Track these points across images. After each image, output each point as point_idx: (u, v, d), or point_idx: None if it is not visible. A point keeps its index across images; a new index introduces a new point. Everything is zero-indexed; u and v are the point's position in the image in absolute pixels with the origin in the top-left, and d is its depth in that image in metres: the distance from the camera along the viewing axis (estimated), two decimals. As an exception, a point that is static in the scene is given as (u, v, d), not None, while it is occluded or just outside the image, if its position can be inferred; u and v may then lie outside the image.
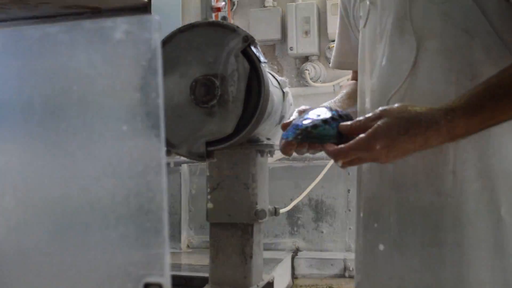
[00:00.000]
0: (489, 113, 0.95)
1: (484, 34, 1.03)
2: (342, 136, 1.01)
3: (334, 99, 1.36)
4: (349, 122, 1.02)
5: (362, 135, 0.95)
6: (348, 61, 1.39)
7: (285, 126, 1.06)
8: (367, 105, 1.19)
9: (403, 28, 1.10)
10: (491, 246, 1.03)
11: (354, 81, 1.42)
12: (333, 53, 1.49)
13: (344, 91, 1.40)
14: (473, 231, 1.04)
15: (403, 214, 1.11)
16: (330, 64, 1.53)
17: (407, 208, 1.11)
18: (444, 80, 1.06)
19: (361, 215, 1.22)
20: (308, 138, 1.02)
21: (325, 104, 1.30)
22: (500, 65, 1.00)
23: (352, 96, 1.32)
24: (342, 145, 0.97)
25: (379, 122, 0.95)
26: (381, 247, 1.14)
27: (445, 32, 1.06)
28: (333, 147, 0.98)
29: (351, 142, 0.96)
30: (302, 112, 1.11)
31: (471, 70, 1.04)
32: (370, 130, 0.95)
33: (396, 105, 0.99)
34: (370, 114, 0.98)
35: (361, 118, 1.00)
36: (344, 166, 1.01)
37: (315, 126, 1.03)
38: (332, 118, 1.05)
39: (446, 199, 1.06)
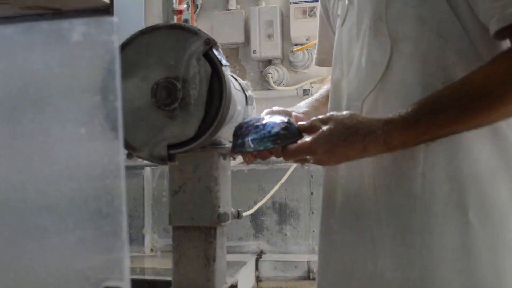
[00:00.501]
0: (424, 128, 0.98)
1: (458, 38, 1.04)
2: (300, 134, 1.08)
3: (312, 98, 1.42)
4: (305, 122, 1.08)
5: (307, 139, 1.03)
6: (330, 58, 1.40)
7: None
8: (344, 102, 1.21)
9: (378, 29, 1.11)
10: (458, 249, 1.04)
11: None
12: (315, 50, 1.55)
13: (324, 88, 1.45)
14: (441, 234, 1.05)
15: (379, 214, 1.12)
16: (314, 62, 1.62)
17: (380, 209, 1.12)
18: (417, 83, 1.07)
19: (337, 213, 1.23)
20: (285, 140, 1.06)
21: (301, 103, 1.39)
22: (471, 69, 1.01)
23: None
24: (290, 146, 1.05)
25: (323, 128, 1.01)
26: (361, 245, 1.15)
27: (419, 36, 1.07)
28: (282, 148, 1.06)
29: (297, 145, 1.04)
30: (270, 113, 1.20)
31: (444, 74, 1.05)
32: (314, 135, 1.02)
33: (345, 112, 1.04)
34: (320, 117, 1.04)
35: (314, 118, 1.06)
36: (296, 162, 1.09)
37: (285, 128, 1.07)
38: (288, 119, 1.11)
39: (415, 201, 1.07)
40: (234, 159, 1.52)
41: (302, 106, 1.37)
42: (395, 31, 1.09)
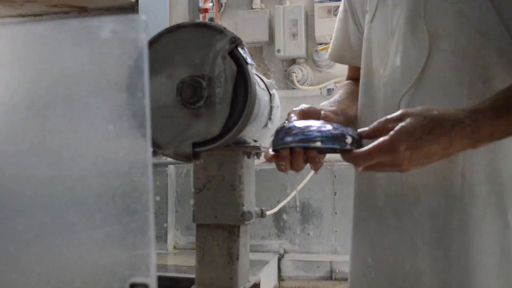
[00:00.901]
0: None
1: (498, 37, 0.99)
2: (360, 141, 0.95)
3: (333, 99, 1.26)
4: (366, 128, 0.94)
5: (384, 137, 0.88)
6: (346, 55, 1.36)
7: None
8: (378, 101, 1.15)
9: (416, 26, 1.06)
10: (497, 252, 1.00)
11: (350, 81, 1.37)
12: (331, 45, 1.42)
13: (340, 92, 1.32)
14: (480, 236, 1.00)
15: (416, 214, 1.08)
16: (327, 55, 1.47)
17: (419, 209, 1.07)
18: (456, 81, 1.02)
19: (378, 214, 1.16)
20: (354, 144, 0.92)
21: (323, 103, 1.23)
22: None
23: (349, 97, 1.26)
24: (363, 149, 0.89)
25: (402, 123, 0.88)
26: (402, 247, 1.10)
27: (459, 32, 1.02)
28: (354, 152, 0.90)
29: (373, 144, 0.88)
30: (301, 114, 1.04)
31: (483, 72, 1.00)
32: (393, 132, 0.87)
33: (418, 107, 0.92)
34: (390, 116, 0.91)
35: (380, 120, 0.92)
36: (365, 170, 0.92)
37: (353, 132, 0.94)
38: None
39: (454, 201, 1.02)
40: (257, 156, 1.52)
41: (326, 105, 1.24)
42: (434, 27, 1.03)
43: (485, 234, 1.00)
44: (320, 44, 3.12)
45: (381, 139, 0.87)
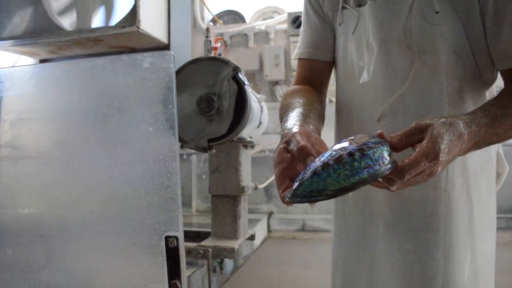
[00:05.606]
0: (496, 130, 0.74)
1: (466, 56, 0.87)
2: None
3: (299, 113, 0.80)
4: (395, 136, 0.64)
5: (422, 145, 0.62)
6: (319, 52, 1.02)
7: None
8: (358, 104, 0.95)
9: (403, 41, 0.88)
10: (466, 230, 0.89)
11: (302, 87, 0.99)
12: (302, 44, 1.05)
13: (300, 100, 0.88)
14: (458, 219, 0.89)
15: (394, 204, 0.91)
16: (297, 55, 1.06)
17: (398, 199, 0.90)
18: (438, 91, 0.87)
19: (350, 196, 0.97)
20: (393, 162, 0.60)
21: (293, 116, 0.78)
22: (474, 83, 0.88)
23: (313, 105, 0.88)
24: (407, 160, 0.61)
25: (433, 131, 0.63)
26: (375, 228, 0.94)
27: (441, 50, 0.86)
28: (399, 164, 0.60)
29: (417, 152, 0.61)
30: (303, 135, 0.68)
31: (457, 85, 0.87)
32: (428, 138, 0.62)
33: (430, 116, 0.67)
34: (410, 128, 0.64)
35: (403, 133, 0.64)
36: (401, 188, 0.64)
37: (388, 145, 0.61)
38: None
39: (440, 192, 0.88)
40: (252, 148, 1.51)
41: (294, 123, 0.75)
42: (420, 44, 0.87)
43: (460, 217, 0.89)
44: (294, 70, 3.10)
45: (422, 146, 0.62)
